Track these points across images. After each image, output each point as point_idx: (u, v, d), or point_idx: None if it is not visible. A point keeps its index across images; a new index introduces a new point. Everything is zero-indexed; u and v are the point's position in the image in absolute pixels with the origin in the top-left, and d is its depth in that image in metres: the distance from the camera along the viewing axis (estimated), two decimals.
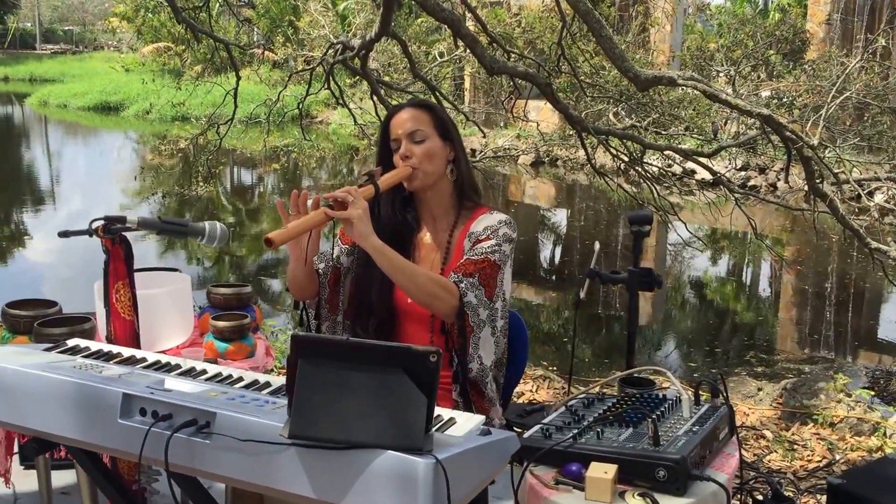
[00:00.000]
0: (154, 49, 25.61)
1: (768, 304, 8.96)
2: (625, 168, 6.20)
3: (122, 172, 15.33)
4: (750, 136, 7.08)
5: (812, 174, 4.55)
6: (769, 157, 11.41)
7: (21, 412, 1.61)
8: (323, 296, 2.14)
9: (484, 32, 5.40)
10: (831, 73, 9.74)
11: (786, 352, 6.97)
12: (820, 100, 8.52)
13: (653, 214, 2.15)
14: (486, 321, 1.97)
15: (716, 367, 6.23)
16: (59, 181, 15.82)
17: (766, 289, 9.82)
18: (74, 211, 12.70)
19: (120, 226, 2.07)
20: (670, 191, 6.06)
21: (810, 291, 8.94)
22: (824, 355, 6.94)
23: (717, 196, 6.31)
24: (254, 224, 11.84)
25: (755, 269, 10.74)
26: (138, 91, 22.32)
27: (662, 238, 11.21)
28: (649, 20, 14.36)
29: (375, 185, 1.98)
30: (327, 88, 5.66)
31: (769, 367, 6.33)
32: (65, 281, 8.18)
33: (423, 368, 1.31)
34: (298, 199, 1.90)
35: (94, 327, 2.39)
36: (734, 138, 8.46)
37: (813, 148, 4.59)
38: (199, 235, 2.16)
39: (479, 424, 1.49)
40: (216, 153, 6.47)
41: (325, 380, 1.31)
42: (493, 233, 2.05)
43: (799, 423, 3.95)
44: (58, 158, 19.06)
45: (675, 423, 1.71)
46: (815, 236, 6.87)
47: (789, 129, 4.35)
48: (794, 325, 8.03)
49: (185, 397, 1.51)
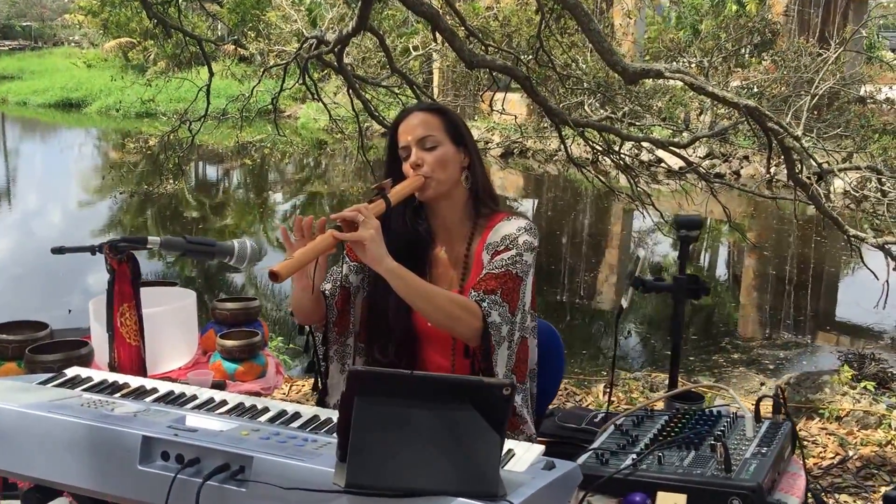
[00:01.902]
0: (117, 44, 25.01)
1: (732, 288, 9.05)
2: (594, 158, 6.20)
3: (83, 170, 14.98)
4: (727, 126, 7.10)
5: (793, 164, 4.57)
6: (739, 145, 11.51)
7: (23, 459, 1.42)
8: (331, 318, 1.97)
9: (462, 26, 5.31)
10: (800, 63, 9.81)
11: (759, 337, 7.06)
12: (790, 91, 8.57)
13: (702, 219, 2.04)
14: (505, 337, 1.84)
15: (693, 356, 6.24)
16: (14, 180, 15.38)
17: (728, 273, 9.91)
18: (30, 210, 12.36)
19: (139, 246, 1.89)
20: (639, 179, 6.08)
21: (775, 276, 9.06)
22: (797, 339, 7.02)
23: (685, 184, 6.33)
24: (218, 219, 11.62)
25: (715, 255, 10.86)
26: (101, 87, 21.83)
27: (628, 226, 11.28)
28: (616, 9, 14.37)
29: (386, 199, 1.82)
30: (302, 83, 5.52)
31: (745, 353, 6.40)
32: (17, 279, 7.95)
33: (495, 403, 1.17)
34: (303, 223, 1.75)
35: (91, 352, 2.22)
36: (710, 128, 8.48)
37: (796, 138, 4.60)
38: (227, 255, 1.98)
39: (539, 456, 1.37)
40: (187, 150, 6.29)
41: (385, 419, 1.18)
42: (513, 242, 1.90)
43: (805, 418, 3.92)
44: (15, 156, 18.55)
45: (740, 443, 1.59)
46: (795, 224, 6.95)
47: (773, 120, 4.34)
48: (760, 310, 8.12)
49: (213, 438, 1.34)
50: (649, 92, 8.33)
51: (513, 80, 4.75)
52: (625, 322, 7.09)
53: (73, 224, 11.23)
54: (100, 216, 11.38)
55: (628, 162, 6.01)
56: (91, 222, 11.01)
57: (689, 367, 5.79)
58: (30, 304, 6.69)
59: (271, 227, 11.15)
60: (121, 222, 11.07)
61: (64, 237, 10.03)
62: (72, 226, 11.09)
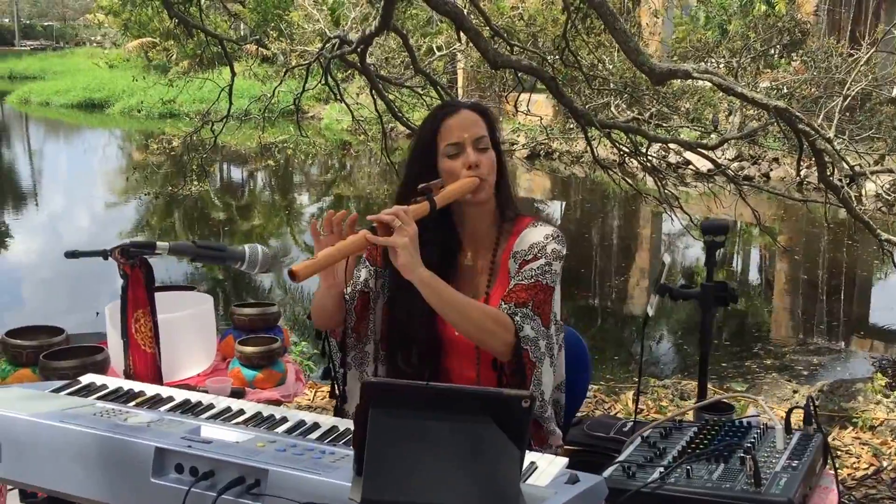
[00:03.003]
0: (139, 44, 25.22)
1: (764, 292, 8.92)
2: (622, 160, 6.13)
3: (108, 171, 15.10)
4: (756, 128, 7.01)
5: (824, 166, 4.48)
6: (767, 147, 11.36)
7: (35, 469, 1.40)
8: (349, 324, 1.90)
9: (487, 25, 5.27)
10: (830, 63, 9.69)
11: (791, 343, 6.94)
12: (821, 92, 8.45)
13: (729, 223, 1.97)
14: (545, 352, 1.78)
15: (726, 362, 6.14)
16: (40, 180, 15.55)
17: (760, 277, 9.78)
18: (57, 212, 12.48)
19: (148, 252, 1.86)
20: (666, 182, 6.01)
21: (807, 280, 8.93)
22: (830, 345, 6.90)
23: (714, 186, 6.24)
24: (244, 221, 11.66)
25: (747, 258, 10.73)
26: (123, 88, 21.97)
27: (657, 229, 11.17)
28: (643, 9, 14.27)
29: (432, 201, 1.72)
30: (324, 84, 5.51)
31: (778, 359, 6.29)
32: (46, 282, 8.00)
33: (515, 415, 1.12)
34: (333, 218, 1.69)
35: (107, 358, 2.19)
36: (739, 129, 8.38)
37: (829, 141, 4.51)
38: (237, 261, 1.93)
39: (563, 469, 1.32)
40: (210, 151, 6.31)
41: (401, 432, 1.13)
42: (541, 251, 1.84)
43: (839, 428, 3.83)
44: (40, 157, 18.76)
45: (770, 456, 1.54)
46: (826, 227, 6.85)
47: (804, 122, 4.26)
48: (794, 315, 8.00)
49: (228, 450, 1.30)
50: (677, 93, 8.25)
51: (538, 81, 4.70)
52: (655, 328, 7.01)
53: (100, 226, 11.29)
54: (127, 218, 11.45)
55: (655, 164, 5.95)
56: (118, 224, 11.06)
57: (722, 374, 5.71)
58: (58, 307, 6.74)
59: (298, 230, 11.16)
60: (148, 224, 11.13)
61: (92, 239, 10.10)
62: (100, 227, 11.15)
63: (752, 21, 12.02)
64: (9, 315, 7.01)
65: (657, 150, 6.62)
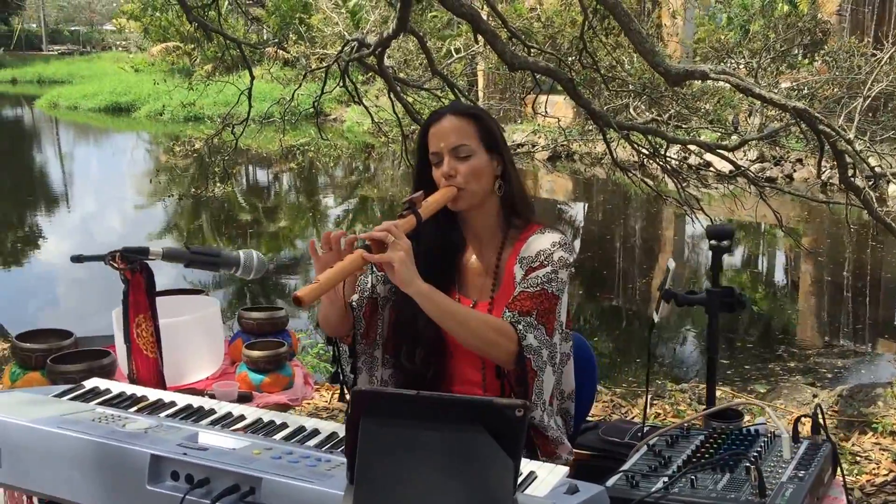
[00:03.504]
0: (163, 48, 25.49)
1: (789, 294, 8.83)
2: (642, 162, 6.08)
3: (137, 173, 15.28)
4: (776, 129, 6.93)
5: (845, 168, 4.42)
6: (789, 148, 11.23)
7: (33, 475, 1.40)
8: (359, 330, 1.91)
9: (504, 27, 5.26)
10: (853, 63, 9.55)
11: (816, 345, 6.85)
12: (843, 91, 8.33)
13: (734, 229, 1.95)
14: (547, 361, 1.77)
15: (749, 364, 6.08)
16: (71, 183, 15.76)
17: (784, 279, 9.68)
18: (88, 213, 12.65)
19: (141, 257, 1.87)
20: (688, 183, 5.95)
21: (831, 282, 8.82)
22: (855, 348, 6.81)
23: (735, 187, 6.17)
24: (271, 222, 11.74)
25: (771, 260, 10.62)
26: (149, 91, 22.23)
27: (680, 231, 11.09)
28: (664, 10, 14.18)
29: (417, 214, 1.75)
30: (342, 86, 5.53)
31: (802, 361, 6.21)
32: (78, 282, 8.08)
33: (508, 424, 1.10)
34: (331, 237, 1.71)
35: (114, 362, 2.21)
36: (759, 130, 8.30)
37: (849, 142, 4.45)
38: (232, 267, 1.95)
39: (563, 478, 1.31)
40: (232, 153, 6.35)
41: (392, 442, 1.12)
42: (548, 258, 1.82)
43: (858, 433, 3.78)
44: (70, 160, 19.02)
45: (776, 466, 1.51)
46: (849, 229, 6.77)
47: (825, 123, 4.21)
48: (818, 317, 7.91)
49: (223, 457, 1.31)
50: (697, 94, 8.18)
51: (557, 83, 4.69)
52: (676, 329, 6.94)
53: (130, 227, 11.44)
54: (156, 220, 11.58)
55: (675, 165, 5.90)
56: (148, 226, 11.20)
57: (745, 376, 5.67)
58: (90, 308, 6.81)
59: (324, 231, 11.23)
60: (176, 226, 11.26)
61: (123, 240, 10.18)
62: (130, 229, 11.29)
63: (772, 21, 11.90)
64: (43, 315, 7.15)
65: (677, 151, 6.56)
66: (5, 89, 34.45)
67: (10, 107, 30.56)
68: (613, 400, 4.60)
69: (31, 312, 7.35)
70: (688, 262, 9.67)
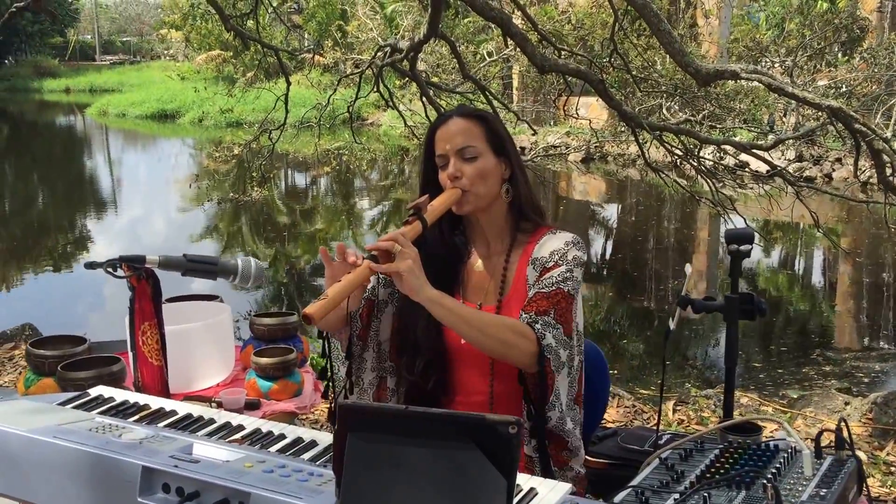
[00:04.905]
0: (208, 57, 26.02)
1: (827, 296, 8.70)
2: (677, 162, 6.05)
3: (180, 178, 15.65)
4: (812, 128, 6.88)
5: (883, 167, 4.35)
6: (827, 147, 11.08)
7: (27, 484, 1.39)
8: (354, 331, 1.85)
9: (534, 30, 5.33)
10: (892, 60, 9.41)
11: (853, 349, 6.69)
12: (881, 89, 8.24)
13: (753, 233, 1.88)
14: (565, 362, 1.72)
15: (783, 368, 6.00)
16: (119, 188, 16.21)
17: (822, 281, 9.54)
18: (135, 217, 13.03)
19: (137, 265, 1.88)
20: (723, 184, 5.90)
21: (871, 283, 8.68)
22: (894, 352, 6.69)
23: (772, 187, 6.09)
24: (308, 224, 11.96)
25: (809, 261, 10.47)
26: (193, 99, 22.71)
27: (715, 231, 11.01)
28: (698, 11, 14.08)
29: (422, 219, 1.71)
30: (377, 91, 5.65)
31: (838, 365, 6.07)
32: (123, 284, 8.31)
33: (501, 442, 1.04)
34: (346, 250, 1.68)
35: (123, 368, 2.19)
36: (794, 130, 8.23)
37: (886, 141, 4.41)
38: (230, 275, 1.93)
39: (565, 496, 1.27)
40: (270, 158, 6.51)
41: (380, 459, 1.08)
42: (562, 258, 1.78)
43: (893, 442, 3.68)
44: (118, 166, 19.55)
45: (796, 483, 1.41)
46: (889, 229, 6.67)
47: (860, 122, 4.17)
48: (856, 319, 7.78)
49: (214, 471, 1.28)
50: (731, 94, 8.16)
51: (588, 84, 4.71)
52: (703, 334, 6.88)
53: (174, 231, 11.73)
54: (198, 223, 11.83)
55: (710, 166, 5.88)
56: (189, 228, 11.45)
57: (778, 381, 5.57)
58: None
59: (360, 233, 11.41)
60: (216, 228, 11.52)
61: (167, 243, 10.55)
62: (173, 232, 11.58)
63: (809, 19, 11.75)
64: (93, 315, 7.41)
65: (712, 151, 6.53)
66: (59, 98, 35.55)
67: (63, 115, 31.49)
68: (636, 406, 4.50)
69: (72, 314, 7.57)
70: (722, 263, 9.60)
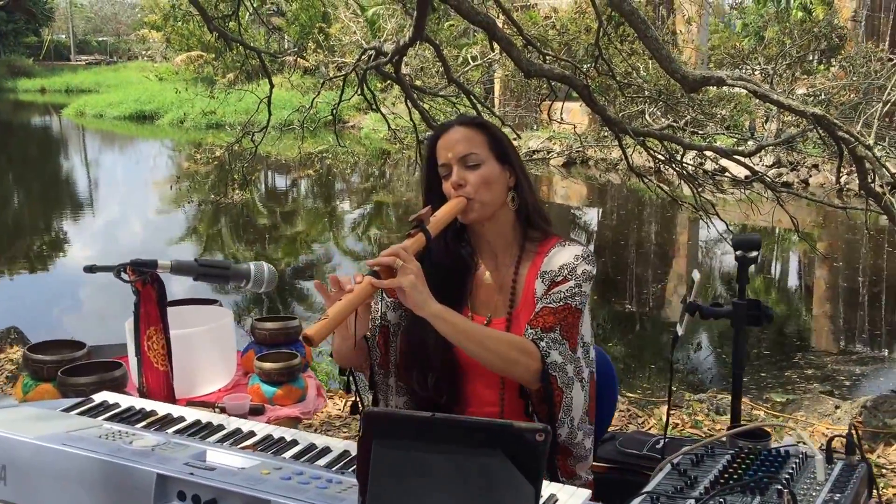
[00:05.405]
0: (187, 58, 25.84)
1: (804, 300, 8.77)
2: (659, 167, 6.08)
3: (159, 180, 15.52)
4: (793, 135, 6.95)
5: (864, 173, 4.40)
6: (807, 154, 11.20)
7: (37, 493, 1.36)
8: (374, 360, 1.83)
9: (519, 35, 5.33)
10: (869, 69, 9.54)
11: (833, 352, 6.76)
12: (860, 98, 8.33)
13: (761, 238, 1.87)
14: (573, 377, 1.69)
15: (766, 371, 6.03)
16: (96, 189, 16.04)
17: (799, 284, 9.63)
18: (112, 219, 12.89)
19: (149, 269, 1.85)
20: (703, 188, 5.93)
21: (847, 287, 8.77)
22: (873, 354, 6.77)
23: (751, 194, 6.14)
24: (289, 227, 11.89)
25: (786, 265, 10.57)
26: (172, 100, 22.54)
27: (694, 236, 11.09)
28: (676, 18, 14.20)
29: (426, 231, 1.67)
30: (360, 94, 5.62)
31: (819, 368, 6.12)
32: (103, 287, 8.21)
33: (528, 449, 1.03)
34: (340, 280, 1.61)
35: (125, 374, 2.18)
36: (776, 136, 8.30)
37: (868, 147, 4.45)
38: (243, 280, 1.89)
39: (586, 501, 1.27)
40: (251, 160, 6.45)
41: (406, 467, 1.06)
42: (571, 272, 1.74)
43: (883, 445, 3.70)
44: (95, 167, 19.34)
45: (810, 488, 1.41)
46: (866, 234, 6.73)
47: (843, 129, 4.21)
48: (834, 323, 7.85)
49: (231, 478, 1.26)
50: (713, 100, 8.22)
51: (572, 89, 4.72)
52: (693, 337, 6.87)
53: (151, 233, 11.60)
54: (177, 225, 11.73)
55: (691, 171, 5.91)
56: (168, 231, 11.34)
57: (761, 384, 5.57)
58: (110, 312, 6.89)
59: (341, 236, 11.36)
60: (196, 231, 11.41)
61: (145, 245, 10.42)
62: (151, 234, 11.45)
63: (787, 27, 11.88)
64: (68, 319, 7.30)
65: (693, 157, 6.56)
66: (34, 98, 35.11)
67: (38, 115, 31.10)
68: (630, 410, 4.49)
69: (56, 317, 7.46)
70: (701, 267, 9.65)
